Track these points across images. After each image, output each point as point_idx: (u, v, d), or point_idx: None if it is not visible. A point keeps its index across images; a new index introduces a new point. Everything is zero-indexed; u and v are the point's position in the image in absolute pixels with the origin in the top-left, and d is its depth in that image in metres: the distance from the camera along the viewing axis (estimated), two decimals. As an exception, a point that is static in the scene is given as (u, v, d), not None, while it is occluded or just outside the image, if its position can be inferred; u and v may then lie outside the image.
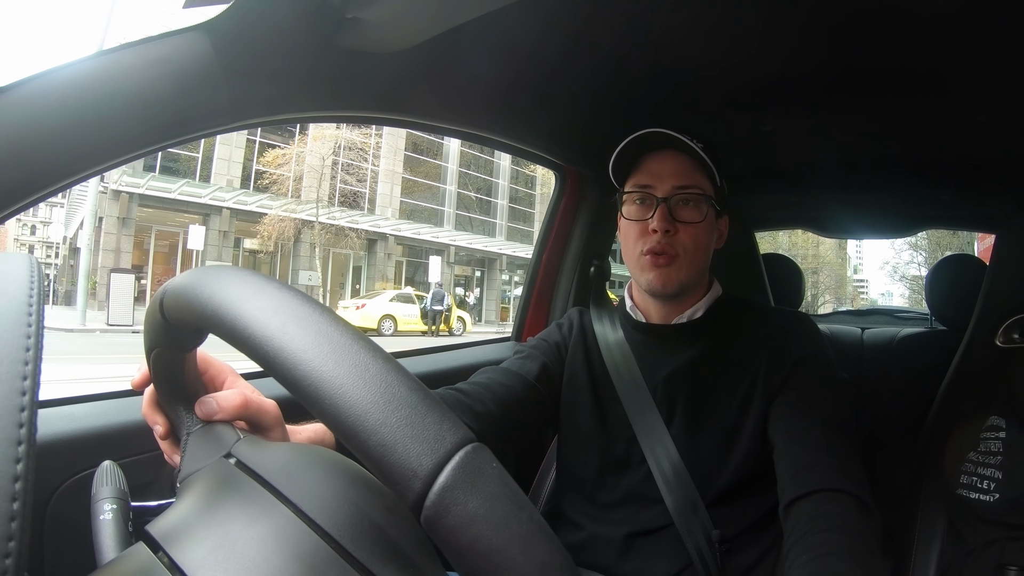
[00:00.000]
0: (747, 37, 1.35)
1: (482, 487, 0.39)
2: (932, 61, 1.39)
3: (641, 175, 1.29)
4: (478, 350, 2.09)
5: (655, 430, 1.26)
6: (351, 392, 0.40)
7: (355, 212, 26.61)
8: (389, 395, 0.40)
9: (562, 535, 1.33)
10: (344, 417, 0.40)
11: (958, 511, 1.34)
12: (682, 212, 1.25)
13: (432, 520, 0.39)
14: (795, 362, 1.23)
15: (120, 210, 21.35)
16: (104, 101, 0.87)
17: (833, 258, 43.16)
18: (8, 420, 0.35)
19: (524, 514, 0.40)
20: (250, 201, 24.16)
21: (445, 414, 0.41)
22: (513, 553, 0.39)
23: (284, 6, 1.00)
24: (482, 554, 0.38)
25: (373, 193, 27.17)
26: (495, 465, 0.41)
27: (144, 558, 0.52)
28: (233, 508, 0.55)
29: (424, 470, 0.39)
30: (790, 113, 1.79)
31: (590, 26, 1.32)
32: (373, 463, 0.40)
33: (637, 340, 1.37)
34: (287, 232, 24.28)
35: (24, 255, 0.45)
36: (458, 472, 0.39)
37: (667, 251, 1.24)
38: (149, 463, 1.10)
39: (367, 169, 27.21)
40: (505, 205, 33.46)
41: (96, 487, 0.69)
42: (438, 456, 0.39)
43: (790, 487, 1.09)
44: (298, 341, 0.42)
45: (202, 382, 0.74)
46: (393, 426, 0.39)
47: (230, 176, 24.24)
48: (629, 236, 1.30)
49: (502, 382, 1.32)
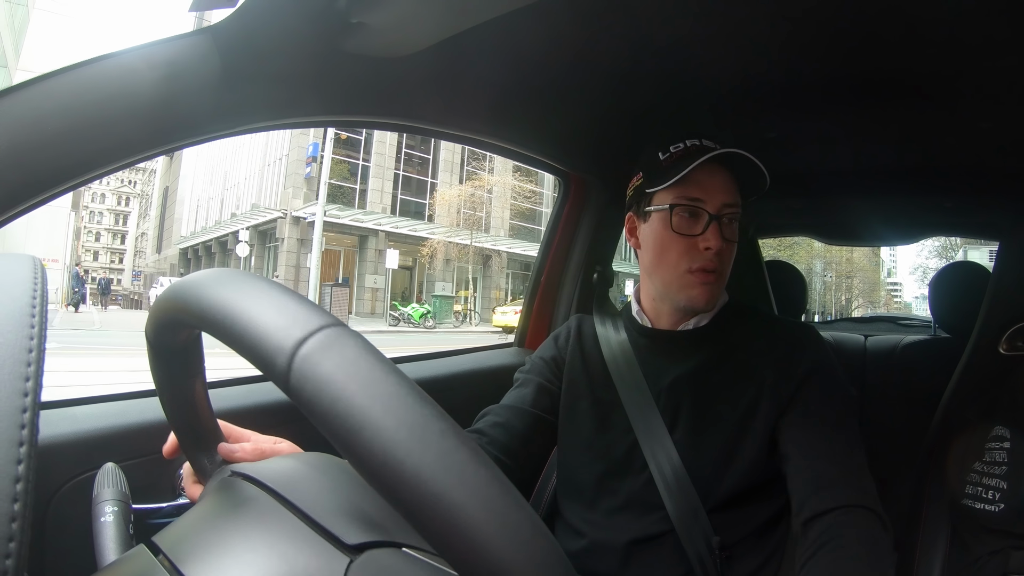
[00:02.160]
0: (752, 45, 1.35)
1: (343, 353, 0.41)
2: (936, 68, 1.39)
3: (690, 187, 1.23)
4: (481, 355, 2.08)
5: (657, 435, 1.26)
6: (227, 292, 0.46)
7: (479, 234, 31.83)
8: (258, 291, 0.46)
9: (563, 542, 1.32)
10: (219, 310, 0.46)
11: (963, 521, 1.34)
12: (727, 230, 1.24)
13: (297, 389, 0.40)
14: (804, 374, 1.22)
15: (300, 233, 27.70)
16: (109, 103, 0.88)
17: (867, 264, 43.86)
18: (10, 421, 0.35)
19: (391, 378, 0.41)
20: (402, 225, 30.47)
21: (310, 304, 0.45)
22: (376, 413, 0.39)
23: (289, 10, 1.00)
24: (342, 415, 0.39)
25: (488, 217, 32.41)
26: (361, 339, 0.43)
27: (145, 560, 0.52)
28: (224, 506, 0.56)
29: (290, 342, 0.41)
30: (794, 120, 1.78)
31: (595, 33, 1.31)
32: (248, 352, 0.43)
33: (641, 345, 1.37)
34: (437, 251, 30.20)
35: (28, 256, 0.45)
36: (319, 343, 0.42)
37: (717, 269, 1.23)
38: (151, 466, 1.10)
39: (483, 196, 32.55)
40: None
41: (97, 489, 0.70)
42: (304, 333, 0.42)
43: (809, 504, 1.11)
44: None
45: (219, 432, 0.78)
46: (261, 317, 0.44)
47: (383, 204, 30.92)
48: (670, 250, 1.25)
49: (499, 422, 1.33)
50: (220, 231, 36.47)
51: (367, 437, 0.39)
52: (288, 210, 27.64)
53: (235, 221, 33.81)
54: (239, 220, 33.14)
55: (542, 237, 2.24)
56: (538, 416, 1.37)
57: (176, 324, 0.55)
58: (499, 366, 2.02)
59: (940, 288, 2.13)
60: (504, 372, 1.92)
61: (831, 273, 43.90)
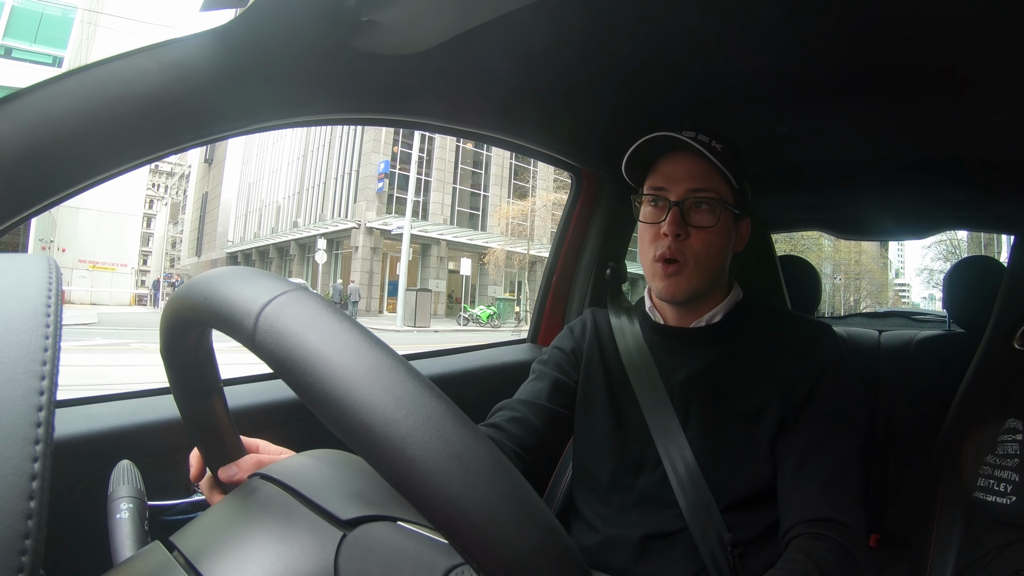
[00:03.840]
0: (764, 38, 1.34)
1: (301, 309, 0.44)
2: (950, 61, 1.37)
3: (656, 177, 1.27)
4: (494, 352, 2.08)
5: (671, 432, 1.25)
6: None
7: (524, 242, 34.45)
8: (234, 272, 0.49)
9: (578, 536, 1.33)
10: (201, 294, 0.49)
11: (975, 514, 1.33)
12: (695, 216, 1.24)
13: (261, 344, 0.43)
14: (818, 376, 1.22)
15: (373, 242, 31.31)
16: (120, 104, 0.88)
17: (874, 266, 44.26)
18: (26, 419, 0.35)
19: (344, 325, 0.43)
20: (461, 235, 34.03)
21: (277, 277, 0.48)
22: (331, 356, 0.41)
23: (299, 9, 1.00)
24: (299, 360, 0.41)
25: (533, 228, 33.50)
26: (320, 299, 0.46)
27: (160, 557, 0.52)
28: (238, 503, 0.57)
29: (256, 305, 0.44)
30: (807, 114, 1.77)
31: (606, 28, 1.31)
32: (223, 322, 0.47)
33: (655, 342, 1.36)
34: (499, 258, 33.14)
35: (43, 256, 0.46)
36: (281, 303, 0.44)
37: (676, 258, 1.23)
38: (165, 463, 1.11)
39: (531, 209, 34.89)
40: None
41: (113, 486, 0.71)
42: (269, 296, 0.45)
43: (787, 516, 1.15)
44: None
45: (240, 446, 0.79)
46: (232, 290, 0.47)
47: (443, 215, 34.50)
48: (644, 239, 1.29)
49: (515, 417, 1.33)
50: (277, 238, 40.31)
51: (320, 377, 0.40)
52: (362, 221, 31.39)
53: (298, 230, 37.68)
54: (300, 230, 37.28)
55: (555, 233, 2.24)
56: (554, 411, 1.37)
57: (184, 324, 0.55)
58: (512, 362, 2.02)
59: (954, 283, 2.11)
60: (517, 368, 1.91)
61: (840, 275, 44.23)
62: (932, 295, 35.10)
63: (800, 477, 1.16)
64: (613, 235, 2.14)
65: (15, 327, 0.38)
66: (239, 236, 47.76)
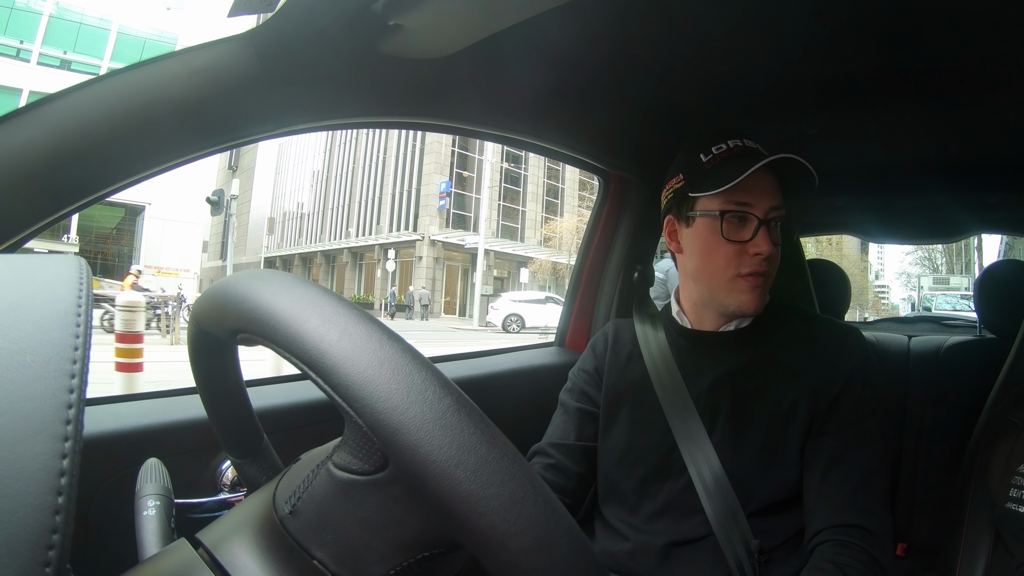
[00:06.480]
0: (792, 40, 1.33)
1: (279, 278, 0.50)
2: (979, 60, 1.35)
3: (738, 192, 1.20)
4: (520, 355, 2.08)
5: (697, 438, 1.24)
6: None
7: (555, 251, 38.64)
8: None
9: (606, 543, 1.32)
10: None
11: (1007, 525, 1.30)
12: (774, 233, 1.22)
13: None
14: (847, 380, 1.20)
15: (436, 252, 35.72)
16: (150, 109, 0.90)
17: (855, 269, 44.33)
18: (55, 417, 0.35)
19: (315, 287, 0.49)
20: (507, 246, 38.01)
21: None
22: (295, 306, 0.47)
23: (327, 13, 1.01)
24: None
25: (561, 240, 37.43)
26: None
27: (185, 554, 0.53)
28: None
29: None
30: (835, 116, 1.75)
31: (633, 31, 1.30)
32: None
33: (681, 346, 1.35)
34: (545, 267, 36.79)
35: (73, 257, 0.46)
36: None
37: (766, 272, 1.22)
38: (193, 461, 1.12)
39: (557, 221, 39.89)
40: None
41: (140, 484, 0.71)
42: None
43: (813, 522, 1.15)
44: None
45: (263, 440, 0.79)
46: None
47: (492, 229, 37.31)
48: (716, 255, 1.23)
49: (551, 464, 1.38)
50: (323, 246, 44.92)
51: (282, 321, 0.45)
52: (426, 234, 35.78)
53: (351, 240, 42.02)
54: (354, 240, 41.79)
55: (582, 237, 2.23)
56: (584, 447, 1.39)
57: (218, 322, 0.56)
58: (538, 366, 2.02)
59: (985, 288, 2.06)
60: (543, 372, 1.91)
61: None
62: (910, 297, 35.41)
63: (827, 482, 1.15)
64: (641, 238, 2.12)
65: (46, 326, 0.38)
66: (276, 243, 50.14)
